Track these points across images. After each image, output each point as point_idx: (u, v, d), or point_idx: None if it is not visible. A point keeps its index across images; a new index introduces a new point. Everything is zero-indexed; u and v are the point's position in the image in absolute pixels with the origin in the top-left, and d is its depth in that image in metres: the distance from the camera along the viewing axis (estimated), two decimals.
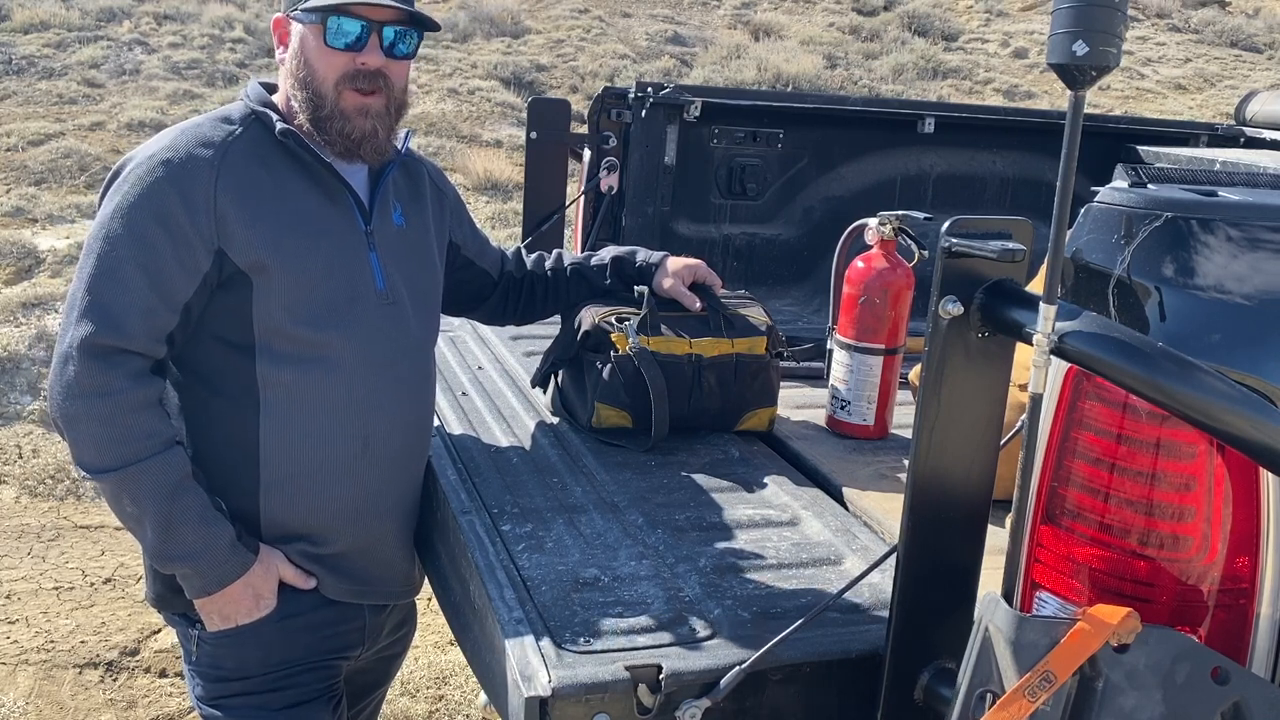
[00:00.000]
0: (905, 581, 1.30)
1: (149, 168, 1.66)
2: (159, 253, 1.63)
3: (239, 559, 1.69)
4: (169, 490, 1.64)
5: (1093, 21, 1.00)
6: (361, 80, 1.73)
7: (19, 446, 4.88)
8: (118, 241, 1.63)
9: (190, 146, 1.68)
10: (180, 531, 1.65)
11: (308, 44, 1.72)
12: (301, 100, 1.74)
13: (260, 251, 1.67)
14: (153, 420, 1.65)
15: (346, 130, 1.74)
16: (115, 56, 10.42)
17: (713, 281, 2.16)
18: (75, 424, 1.63)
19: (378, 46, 1.73)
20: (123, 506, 1.67)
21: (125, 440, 1.62)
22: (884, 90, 11.96)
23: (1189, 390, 1.03)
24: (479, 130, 9.76)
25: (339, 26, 1.70)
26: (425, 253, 1.94)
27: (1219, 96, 12.61)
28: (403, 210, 1.90)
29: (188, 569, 1.69)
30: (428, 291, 1.93)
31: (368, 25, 1.71)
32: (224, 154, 1.69)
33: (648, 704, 1.29)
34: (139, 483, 1.63)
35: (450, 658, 3.45)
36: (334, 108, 1.73)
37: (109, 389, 1.61)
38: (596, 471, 1.93)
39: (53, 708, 3.19)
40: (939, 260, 1.22)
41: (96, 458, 1.63)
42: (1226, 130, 3.44)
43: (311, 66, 1.73)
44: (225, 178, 1.67)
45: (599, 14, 13.14)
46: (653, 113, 2.92)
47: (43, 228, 7.18)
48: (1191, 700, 1.11)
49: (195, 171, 1.66)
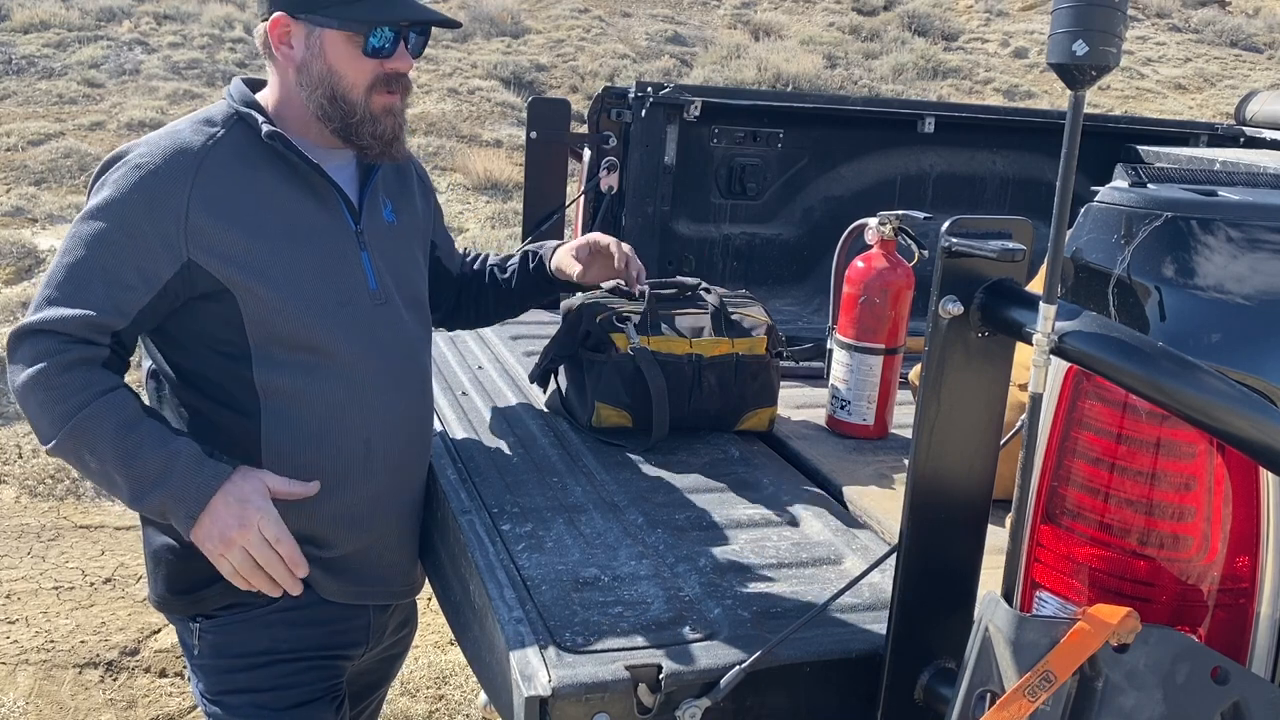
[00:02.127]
0: (905, 581, 1.30)
1: (123, 173, 1.66)
2: (119, 258, 1.62)
3: (210, 468, 1.62)
4: (120, 426, 1.59)
5: (1093, 21, 1.00)
6: (392, 82, 1.74)
7: (19, 446, 4.88)
8: (81, 242, 1.64)
9: (166, 154, 1.67)
10: (142, 459, 1.59)
11: (337, 51, 1.70)
12: (327, 108, 1.72)
13: (241, 259, 1.65)
14: (89, 373, 1.61)
15: (379, 132, 1.74)
16: (115, 56, 10.42)
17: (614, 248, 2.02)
18: (26, 403, 1.61)
19: (405, 51, 1.74)
20: (88, 465, 1.62)
21: (65, 397, 1.59)
22: (884, 90, 11.96)
23: (1189, 390, 1.03)
24: (479, 130, 9.76)
25: (382, 36, 1.70)
26: (415, 249, 1.94)
27: (1219, 96, 12.61)
28: (393, 206, 1.89)
29: (163, 496, 1.61)
30: (419, 289, 1.93)
31: (398, 31, 1.72)
32: (202, 161, 1.67)
33: (648, 704, 1.29)
34: (87, 430, 1.59)
35: (450, 658, 3.45)
36: (365, 112, 1.73)
37: (42, 356, 1.59)
38: (596, 471, 1.93)
39: (53, 708, 3.19)
40: (939, 260, 1.22)
41: (49, 423, 1.60)
42: (1226, 130, 3.43)
43: (339, 73, 1.71)
44: (202, 188, 1.65)
45: (599, 14, 13.14)
46: (653, 112, 2.92)
47: (42, 228, 7.18)
48: (1191, 700, 1.11)
49: (169, 179, 1.64)
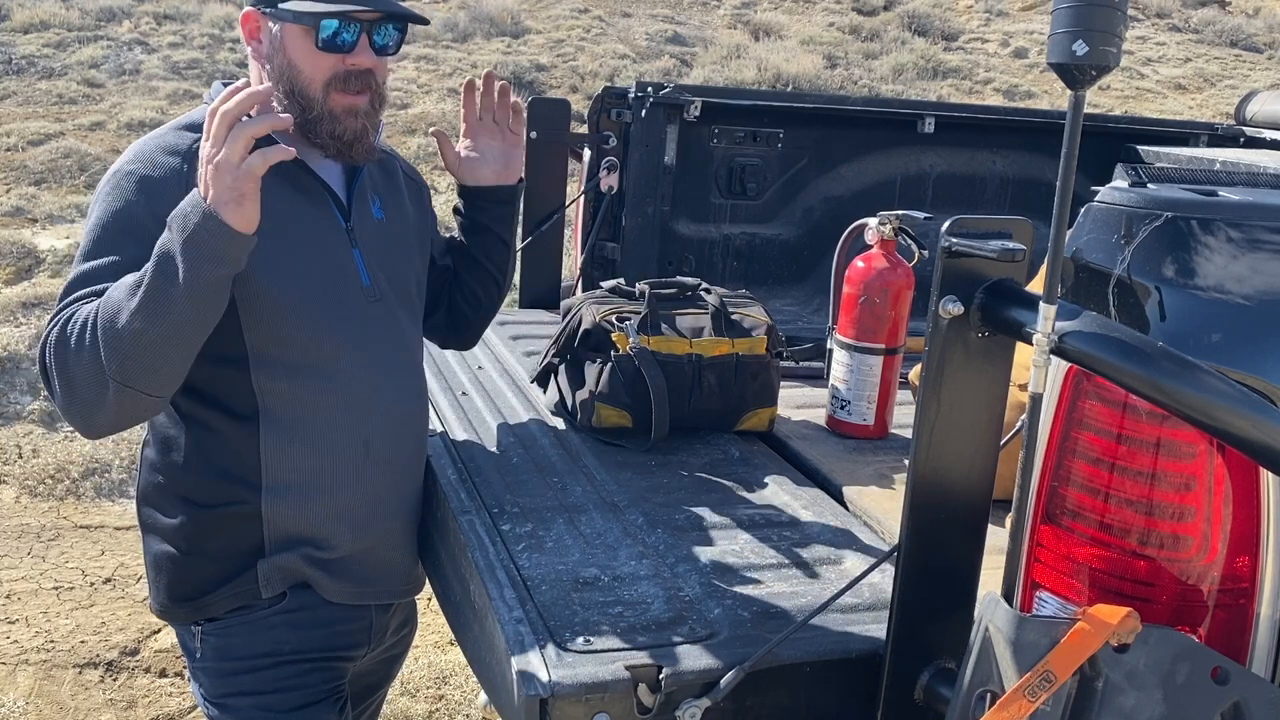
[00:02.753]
0: (905, 581, 1.30)
1: (116, 182, 1.65)
2: (132, 267, 1.60)
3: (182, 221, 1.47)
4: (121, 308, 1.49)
5: (1093, 21, 1.00)
6: (352, 81, 1.69)
7: (19, 446, 4.88)
8: (91, 255, 1.63)
9: (154, 155, 1.66)
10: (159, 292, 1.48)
11: (293, 45, 1.67)
12: (288, 104, 1.69)
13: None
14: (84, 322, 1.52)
15: (338, 132, 1.70)
16: (115, 56, 10.42)
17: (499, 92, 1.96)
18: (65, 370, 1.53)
19: (368, 46, 1.69)
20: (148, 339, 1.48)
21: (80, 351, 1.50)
22: (884, 90, 11.96)
23: (1189, 390, 1.03)
24: None
25: (333, 29, 1.65)
26: (405, 245, 1.92)
27: (1219, 96, 12.61)
28: (381, 203, 1.88)
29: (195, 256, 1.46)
30: (411, 285, 1.92)
31: (359, 26, 1.67)
32: (190, 161, 1.66)
33: (648, 704, 1.29)
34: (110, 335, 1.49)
35: (450, 658, 3.45)
36: (322, 109, 1.69)
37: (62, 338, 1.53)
38: (596, 471, 1.93)
39: (53, 708, 3.19)
40: (939, 260, 1.22)
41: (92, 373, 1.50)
42: (1226, 130, 3.44)
43: (297, 68, 1.68)
44: (193, 186, 1.63)
45: (599, 14, 13.14)
46: (653, 113, 2.92)
47: (42, 228, 7.18)
48: (1191, 700, 1.11)
49: (164, 182, 1.64)
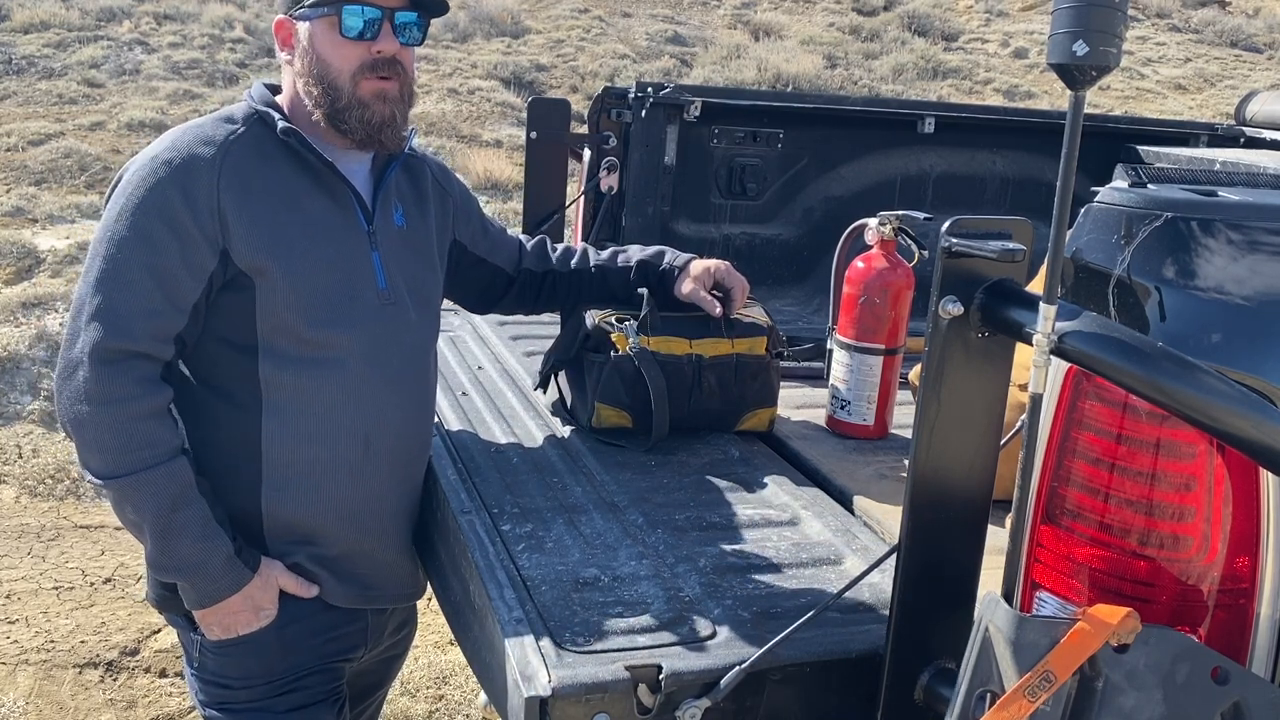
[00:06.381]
0: (905, 581, 1.30)
1: (151, 169, 1.66)
2: (165, 254, 1.62)
3: (234, 575, 1.69)
4: (170, 501, 1.64)
5: (1093, 21, 1.00)
6: (380, 67, 1.73)
7: (19, 446, 4.88)
8: (123, 244, 1.63)
9: (192, 146, 1.68)
10: (178, 544, 1.65)
11: (320, 38, 1.71)
12: (317, 95, 1.73)
13: (261, 251, 1.66)
14: (159, 429, 1.64)
15: (367, 117, 1.73)
16: (115, 56, 10.42)
17: (733, 282, 2.07)
18: (82, 429, 1.63)
19: (391, 33, 1.73)
20: (125, 512, 1.67)
21: (129, 449, 1.62)
22: (884, 90, 11.96)
23: (1189, 390, 1.03)
24: (479, 130, 9.76)
25: (353, 16, 1.69)
26: (426, 253, 1.94)
27: (1219, 96, 12.61)
28: (404, 210, 1.90)
29: (183, 581, 1.70)
30: (428, 292, 1.93)
31: (381, 13, 1.71)
32: (225, 152, 1.68)
33: (648, 704, 1.29)
34: (140, 492, 1.63)
35: (450, 658, 3.45)
36: (351, 97, 1.72)
37: (116, 396, 1.60)
38: (596, 471, 1.93)
39: (53, 708, 3.19)
40: (939, 260, 1.22)
41: (101, 464, 1.63)
42: (1226, 130, 3.43)
43: (326, 60, 1.72)
44: (226, 176, 1.66)
45: (599, 14, 13.14)
46: (653, 113, 2.92)
47: (43, 228, 7.18)
48: (1191, 700, 1.11)
49: (197, 171, 1.65)
